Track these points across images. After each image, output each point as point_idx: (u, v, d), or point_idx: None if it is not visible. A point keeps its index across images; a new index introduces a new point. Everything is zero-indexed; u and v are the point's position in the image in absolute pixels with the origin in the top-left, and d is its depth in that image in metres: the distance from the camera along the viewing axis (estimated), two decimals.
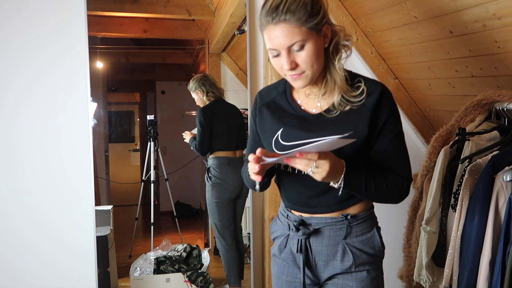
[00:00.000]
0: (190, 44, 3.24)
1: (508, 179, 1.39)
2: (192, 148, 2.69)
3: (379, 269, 1.30)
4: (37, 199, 2.07)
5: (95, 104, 2.29)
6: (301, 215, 1.27)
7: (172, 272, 2.55)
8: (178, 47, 3.26)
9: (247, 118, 2.37)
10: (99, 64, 2.79)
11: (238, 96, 2.76)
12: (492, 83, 1.81)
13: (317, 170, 1.04)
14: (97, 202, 2.26)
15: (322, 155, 1.03)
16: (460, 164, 1.61)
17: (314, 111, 1.21)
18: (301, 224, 1.25)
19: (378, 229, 1.31)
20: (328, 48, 1.15)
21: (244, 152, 2.63)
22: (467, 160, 1.58)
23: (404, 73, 2.29)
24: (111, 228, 2.46)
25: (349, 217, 1.23)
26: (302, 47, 1.08)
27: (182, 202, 3.13)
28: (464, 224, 1.50)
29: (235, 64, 2.92)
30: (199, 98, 2.68)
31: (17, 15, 2.01)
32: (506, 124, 1.69)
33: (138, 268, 2.57)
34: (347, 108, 1.16)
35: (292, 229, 1.27)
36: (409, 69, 2.21)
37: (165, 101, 3.23)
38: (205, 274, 2.56)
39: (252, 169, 1.06)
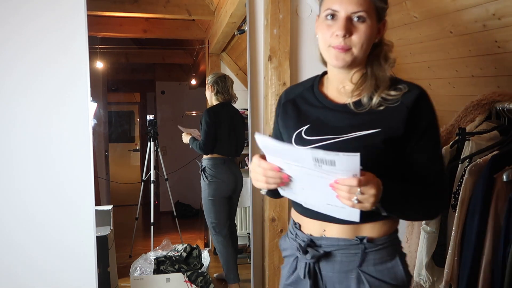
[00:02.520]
0: (190, 44, 3.24)
1: (508, 179, 1.39)
2: (193, 147, 2.70)
3: None
4: (37, 199, 2.07)
5: (95, 104, 2.29)
6: (310, 234, 1.11)
7: (172, 272, 2.55)
8: (178, 47, 3.26)
9: (247, 118, 2.38)
10: (99, 64, 2.79)
11: (239, 96, 2.76)
12: (492, 83, 1.81)
13: (364, 197, 0.88)
14: (97, 202, 2.26)
15: (365, 181, 0.87)
16: (460, 164, 1.61)
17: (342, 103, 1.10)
18: (310, 245, 1.09)
19: (402, 256, 1.11)
20: (377, 47, 1.09)
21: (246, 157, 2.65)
22: (467, 160, 1.58)
23: (404, 73, 2.29)
24: (111, 228, 2.46)
25: (365, 240, 1.05)
26: (363, 20, 1.01)
27: (182, 202, 3.13)
28: (464, 224, 1.50)
29: (235, 64, 2.92)
30: (208, 93, 2.70)
31: (17, 15, 2.01)
32: (506, 124, 1.69)
33: (138, 268, 2.57)
34: (381, 108, 1.04)
35: (299, 251, 1.11)
36: (409, 69, 2.21)
37: (165, 101, 3.23)
38: (205, 274, 2.56)
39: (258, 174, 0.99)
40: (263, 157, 1.00)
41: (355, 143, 1.02)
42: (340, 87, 1.11)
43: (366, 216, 0.99)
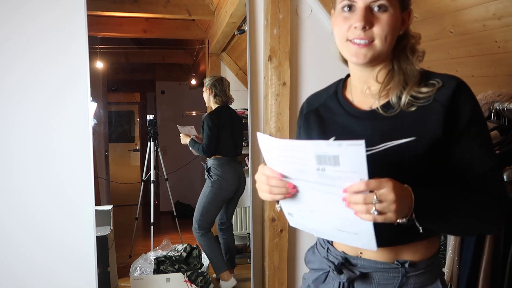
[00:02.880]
0: (190, 44, 3.24)
1: (508, 179, 1.39)
2: (194, 150, 2.71)
3: None
4: (37, 199, 2.07)
5: (95, 104, 2.29)
6: (344, 252, 1.00)
7: (172, 272, 2.55)
8: (178, 47, 3.26)
9: (246, 118, 2.38)
10: (99, 64, 2.80)
11: (238, 96, 2.77)
12: (492, 83, 1.81)
13: (383, 206, 0.75)
14: (97, 202, 2.26)
15: (375, 182, 0.75)
16: None
17: (368, 109, 0.98)
18: (344, 264, 0.99)
19: (442, 277, 1.00)
20: (402, 39, 0.98)
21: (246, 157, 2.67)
22: None
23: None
24: (111, 228, 2.46)
25: (406, 265, 0.94)
26: (385, 9, 0.90)
27: (182, 202, 3.14)
28: None
29: (235, 64, 2.92)
30: (206, 96, 2.72)
31: (17, 15, 2.00)
32: (506, 124, 1.69)
33: (138, 268, 2.57)
34: (413, 108, 0.91)
35: (332, 270, 1.00)
36: None
37: (165, 101, 3.24)
38: (205, 274, 2.56)
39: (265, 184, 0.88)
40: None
41: (388, 155, 0.90)
42: (365, 89, 0.99)
43: (405, 237, 0.92)
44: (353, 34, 0.91)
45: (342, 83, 1.07)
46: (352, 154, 0.72)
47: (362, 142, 0.70)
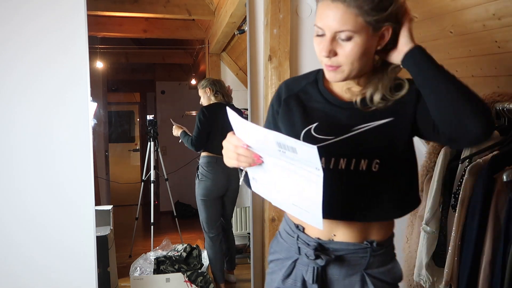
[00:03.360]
0: (190, 44, 3.24)
1: (508, 179, 1.39)
2: (184, 141, 2.71)
3: None
4: (37, 199, 2.07)
5: (95, 104, 2.29)
6: (318, 238, 1.08)
7: (172, 272, 2.55)
8: (178, 47, 3.26)
9: (246, 118, 2.38)
10: (99, 64, 2.79)
11: (238, 96, 2.76)
12: (492, 83, 1.81)
13: None
14: (97, 202, 2.26)
15: None
16: (460, 164, 1.61)
17: (348, 100, 1.07)
18: (317, 249, 1.07)
19: (395, 256, 1.17)
20: (382, 51, 1.01)
21: None
22: (467, 160, 1.58)
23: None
24: (111, 228, 2.46)
25: (374, 244, 1.07)
26: (349, 38, 0.93)
27: (182, 202, 3.13)
28: (464, 224, 1.50)
29: (235, 64, 2.92)
30: (206, 96, 2.70)
31: (17, 15, 2.01)
32: (506, 124, 1.69)
33: (138, 268, 2.57)
34: (381, 105, 1.02)
35: (308, 256, 1.08)
36: None
37: (165, 101, 3.23)
38: (205, 274, 2.56)
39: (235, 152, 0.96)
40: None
41: (372, 135, 1.01)
42: (344, 88, 1.07)
43: (373, 217, 1.06)
44: (323, 59, 0.99)
45: (322, 74, 1.11)
46: (306, 151, 0.82)
47: (314, 147, 0.80)
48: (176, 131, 2.75)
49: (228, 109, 0.92)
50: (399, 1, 0.96)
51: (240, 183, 1.10)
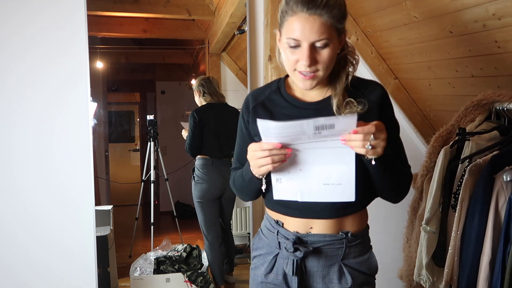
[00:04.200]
0: (190, 44, 3.24)
1: (508, 179, 1.39)
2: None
3: (373, 285, 1.25)
4: (37, 199, 2.07)
5: (95, 104, 2.29)
6: (296, 232, 1.16)
7: (172, 272, 2.55)
8: (178, 47, 3.26)
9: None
10: (99, 64, 2.79)
11: (238, 96, 2.77)
12: (492, 83, 1.81)
13: (376, 142, 0.96)
14: (97, 202, 2.26)
15: (380, 124, 0.97)
16: (460, 164, 1.61)
17: (310, 101, 1.17)
18: (296, 242, 1.15)
19: (372, 249, 1.26)
20: (338, 54, 1.11)
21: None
22: (467, 160, 1.58)
23: (404, 73, 2.29)
24: (111, 228, 2.46)
25: (349, 235, 1.16)
26: (326, 46, 1.03)
27: (182, 202, 3.13)
28: (464, 224, 1.50)
29: (235, 64, 2.92)
30: (197, 98, 2.71)
31: (17, 15, 2.00)
32: (506, 124, 1.69)
33: (138, 268, 2.57)
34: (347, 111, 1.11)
35: (287, 249, 1.15)
36: (409, 69, 2.21)
37: (165, 101, 3.24)
38: (205, 274, 2.56)
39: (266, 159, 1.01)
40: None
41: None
42: (304, 92, 1.17)
43: (347, 207, 1.14)
44: (300, 68, 1.06)
45: (283, 82, 1.22)
46: (346, 122, 0.94)
47: (355, 115, 0.93)
48: (184, 134, 2.75)
49: (259, 121, 0.97)
50: None
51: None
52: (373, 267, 1.22)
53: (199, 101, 2.70)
